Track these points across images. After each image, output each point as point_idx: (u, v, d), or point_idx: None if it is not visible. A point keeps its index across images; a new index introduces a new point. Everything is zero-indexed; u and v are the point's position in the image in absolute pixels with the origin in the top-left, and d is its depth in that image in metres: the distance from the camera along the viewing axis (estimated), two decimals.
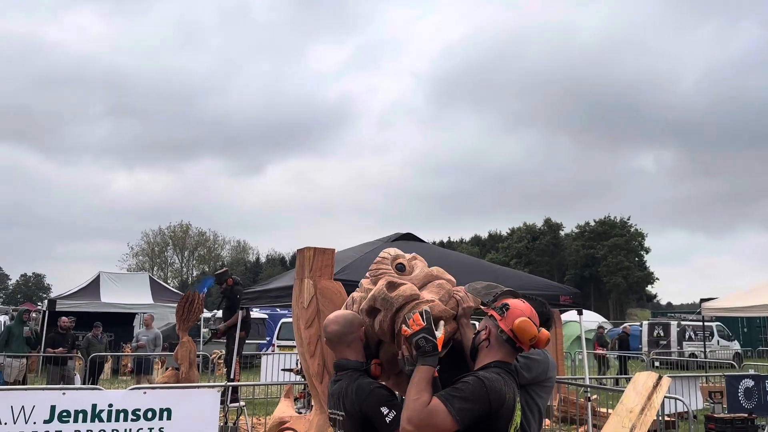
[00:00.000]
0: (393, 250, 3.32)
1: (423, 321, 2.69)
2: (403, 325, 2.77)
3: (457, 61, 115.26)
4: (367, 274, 3.24)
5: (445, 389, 2.63)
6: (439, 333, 2.75)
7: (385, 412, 2.69)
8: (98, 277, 19.41)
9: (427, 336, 2.66)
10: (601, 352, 18.91)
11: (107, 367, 13.45)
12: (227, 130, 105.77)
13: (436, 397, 2.57)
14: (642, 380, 6.81)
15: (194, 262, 76.81)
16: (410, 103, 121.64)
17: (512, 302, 2.81)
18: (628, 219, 72.88)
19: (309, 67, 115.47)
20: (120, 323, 19.24)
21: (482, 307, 2.95)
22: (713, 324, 25.14)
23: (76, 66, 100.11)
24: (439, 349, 2.69)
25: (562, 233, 76.88)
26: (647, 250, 72.56)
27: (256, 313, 21.93)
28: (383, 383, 2.89)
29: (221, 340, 18.17)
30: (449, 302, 3.11)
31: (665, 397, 6.96)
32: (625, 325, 25.77)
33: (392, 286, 2.99)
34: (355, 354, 2.94)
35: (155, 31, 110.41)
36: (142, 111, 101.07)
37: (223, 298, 10.79)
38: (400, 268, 3.21)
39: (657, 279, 72.92)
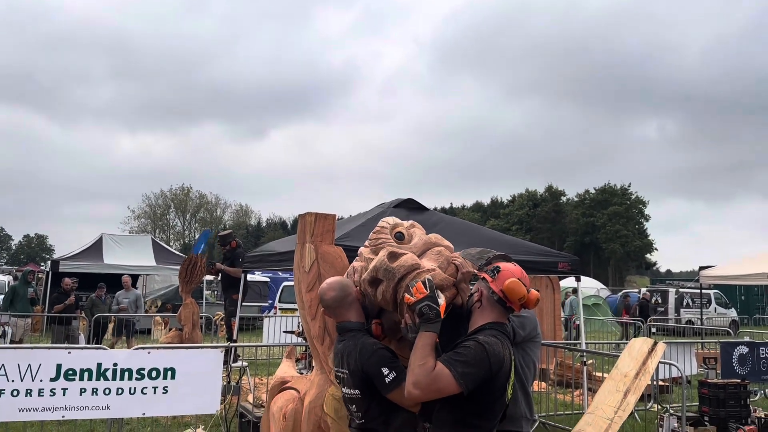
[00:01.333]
0: (391, 219, 3.36)
1: (426, 289, 2.77)
2: (406, 294, 2.84)
3: (461, 28, 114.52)
4: (366, 243, 3.28)
5: (447, 353, 2.72)
6: (441, 300, 2.82)
7: (385, 373, 2.78)
8: (101, 238, 19.48)
9: (430, 303, 2.74)
10: (626, 319, 19.17)
11: (110, 327, 13.55)
12: (231, 95, 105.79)
13: (440, 362, 2.66)
14: (637, 346, 6.92)
15: (196, 225, 76.99)
16: (414, 69, 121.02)
17: (503, 265, 2.92)
18: (629, 186, 72.77)
19: (314, 32, 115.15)
20: (121, 285, 19.40)
21: (475, 270, 3.02)
22: (711, 292, 25.33)
23: (80, 29, 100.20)
24: (442, 315, 2.77)
25: (564, 199, 76.83)
26: (647, 218, 72.65)
27: (258, 276, 22.14)
28: (386, 345, 2.96)
29: (219, 302, 18.34)
30: (448, 268, 3.15)
31: (660, 362, 7.08)
32: (644, 291, 25.66)
33: (393, 256, 3.03)
34: (357, 315, 3.02)
35: None
36: (146, 75, 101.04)
37: (225, 259, 10.89)
38: (399, 237, 3.25)
39: (656, 249, 73.22)
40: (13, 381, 5.60)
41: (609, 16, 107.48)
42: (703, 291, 19.91)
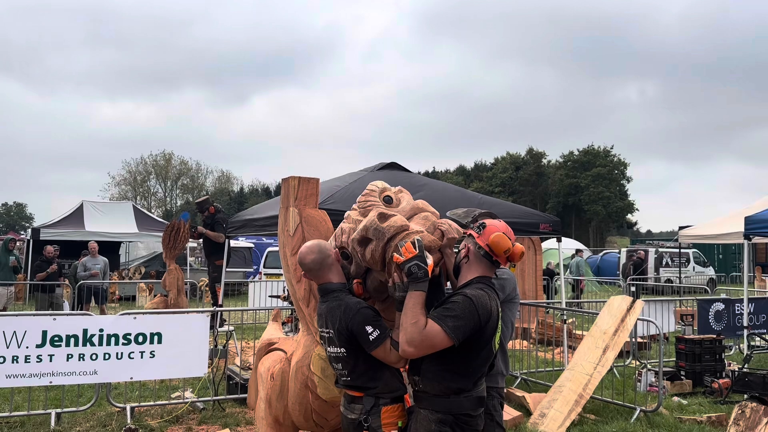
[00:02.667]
0: (380, 183, 3.39)
1: (415, 249, 2.83)
2: (395, 254, 2.89)
3: None
4: (354, 206, 3.31)
5: (436, 310, 2.81)
6: (429, 261, 2.89)
7: (369, 331, 2.84)
8: (81, 206, 19.29)
9: (419, 263, 2.81)
10: (606, 278, 19.49)
11: (66, 293, 13.37)
12: (211, 60, 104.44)
13: (430, 319, 2.75)
14: (616, 304, 7.08)
15: (177, 191, 76.36)
16: (396, 34, 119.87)
17: (489, 221, 3.00)
18: (611, 148, 73.20)
19: None
20: (105, 252, 19.34)
21: (462, 228, 3.09)
22: (690, 251, 25.77)
23: None
24: (429, 275, 2.84)
25: (545, 162, 77.15)
26: (629, 180, 73.29)
27: (242, 242, 22.14)
28: (369, 304, 3.02)
29: (203, 268, 18.30)
30: (434, 233, 3.21)
31: (639, 319, 7.26)
32: (640, 250, 25.84)
33: (383, 216, 3.07)
34: (338, 276, 3.06)
35: None
36: (124, 41, 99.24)
37: (206, 225, 10.86)
38: (388, 201, 3.29)
39: (637, 209, 74.04)
40: None
41: None
42: (682, 250, 20.25)
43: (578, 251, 23.29)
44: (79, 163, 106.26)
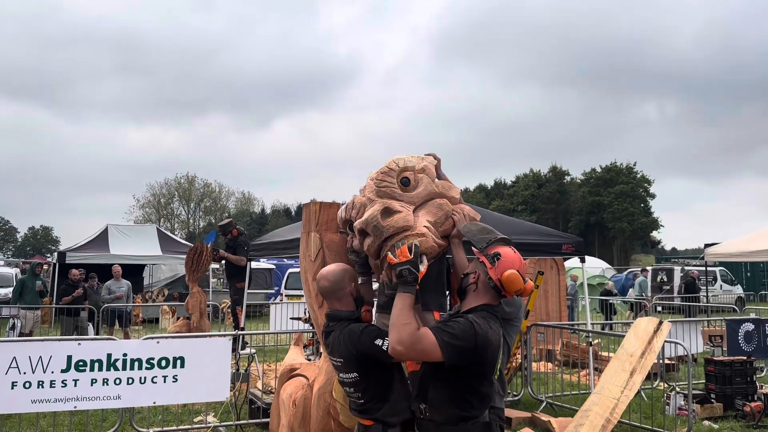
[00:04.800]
0: (402, 161, 3.32)
1: (410, 254, 2.87)
2: (390, 254, 2.92)
3: (459, 18, 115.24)
4: (370, 180, 3.28)
5: (437, 324, 2.85)
6: (423, 267, 2.91)
7: (380, 344, 2.86)
8: (106, 229, 19.53)
9: (411, 268, 2.84)
10: (630, 298, 19.10)
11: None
12: (235, 87, 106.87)
13: (428, 328, 2.79)
14: (643, 325, 6.94)
15: (200, 213, 77.08)
16: (415, 59, 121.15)
17: (504, 252, 2.93)
18: (634, 165, 72.49)
19: (319, 25, 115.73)
20: (129, 274, 19.52)
21: (474, 249, 3.05)
22: (717, 269, 25.30)
23: (87, 26, 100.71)
24: (419, 280, 2.88)
25: (568, 179, 76.61)
26: (653, 196, 72.45)
27: (263, 263, 22.21)
28: (371, 324, 3.06)
29: (225, 290, 18.41)
30: (446, 223, 3.24)
31: (666, 341, 7.11)
32: (692, 269, 25.23)
33: (387, 212, 3.08)
34: (345, 306, 3.07)
35: None
36: (152, 69, 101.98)
37: (228, 248, 10.92)
38: (405, 183, 3.26)
39: (662, 225, 73.08)
40: (25, 373, 5.67)
41: (603, 2, 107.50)
42: (709, 268, 19.89)
43: (643, 270, 22.74)
44: (105, 187, 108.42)
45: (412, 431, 2.95)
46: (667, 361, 9.56)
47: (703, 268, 20.12)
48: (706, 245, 16.04)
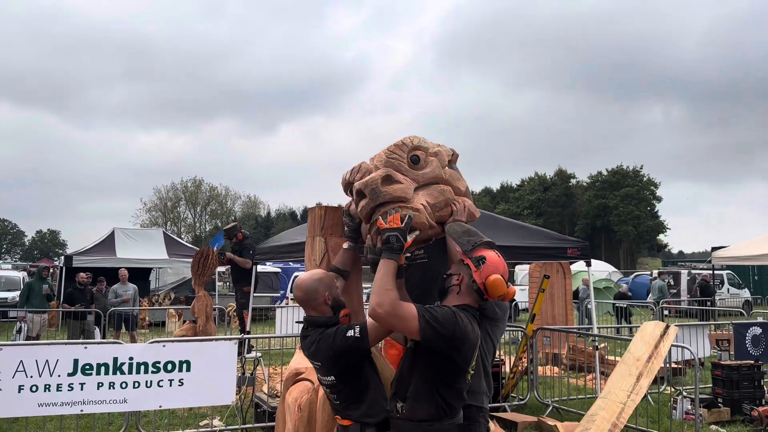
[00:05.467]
0: (417, 140, 3.35)
1: (401, 223, 2.89)
2: (381, 218, 2.96)
3: (464, 22, 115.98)
4: (383, 152, 3.30)
5: (421, 306, 2.87)
6: (409, 239, 2.95)
7: (351, 333, 2.90)
8: (113, 233, 19.60)
9: (399, 236, 2.87)
10: (638, 302, 18.97)
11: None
12: (243, 92, 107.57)
13: (412, 303, 2.84)
14: (649, 330, 6.91)
15: (207, 217, 77.24)
16: (420, 64, 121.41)
17: (489, 256, 2.95)
18: (641, 168, 72.27)
19: (325, 31, 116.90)
20: (136, 278, 19.59)
21: (458, 251, 3.06)
22: (724, 272, 25.16)
23: (98, 32, 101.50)
24: (404, 249, 2.91)
25: (574, 182, 76.42)
26: (659, 199, 72.19)
27: (269, 267, 22.24)
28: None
29: (231, 293, 18.47)
30: (444, 209, 3.26)
31: (672, 345, 7.08)
32: (704, 273, 24.99)
33: (388, 180, 3.11)
34: (321, 313, 3.10)
35: (178, 1, 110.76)
36: (161, 75, 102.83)
37: (234, 252, 10.96)
38: (414, 161, 3.29)
39: (668, 228, 72.84)
40: (31, 377, 5.69)
41: (607, 6, 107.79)
42: (716, 272, 19.79)
43: (661, 274, 22.57)
44: (112, 191, 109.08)
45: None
46: (674, 365, 9.52)
47: (710, 272, 20.03)
48: (713, 248, 15.97)
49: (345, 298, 3.25)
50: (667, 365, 8.76)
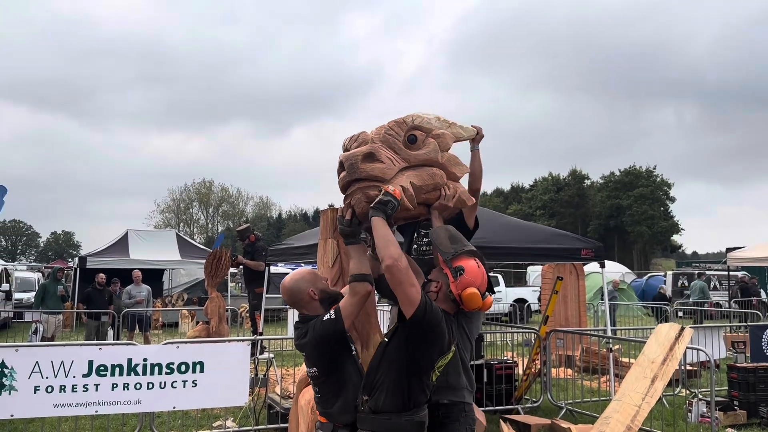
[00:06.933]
0: (420, 119, 3.33)
1: (403, 197, 3.05)
2: (394, 187, 3.06)
3: (476, 26, 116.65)
4: (383, 128, 3.30)
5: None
6: (394, 198, 3.03)
7: (327, 317, 2.99)
8: (126, 234, 19.74)
9: (396, 206, 2.99)
10: (652, 303, 18.73)
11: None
12: (257, 96, 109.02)
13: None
14: (664, 331, 6.86)
15: (219, 218, 77.56)
16: (433, 67, 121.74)
17: (468, 267, 2.99)
18: (654, 168, 71.74)
19: (341, 36, 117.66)
20: (149, 279, 19.70)
21: (439, 258, 3.10)
22: (739, 273, 24.90)
23: (115, 39, 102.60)
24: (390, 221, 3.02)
25: (587, 183, 75.95)
26: (673, 200, 71.62)
27: (281, 268, 22.31)
28: None
29: (243, 294, 18.55)
30: (432, 192, 3.27)
31: (687, 347, 7.02)
32: (745, 273, 23.68)
33: (370, 157, 3.11)
34: (312, 311, 3.15)
35: (195, 8, 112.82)
36: (177, 80, 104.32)
37: (246, 253, 11.00)
38: (411, 140, 3.28)
39: (683, 229, 72.21)
40: (47, 378, 5.74)
41: (620, 10, 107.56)
42: (731, 273, 19.60)
43: (700, 274, 22.31)
44: (127, 193, 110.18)
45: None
46: (689, 368, 9.44)
47: (726, 273, 19.82)
48: (728, 249, 15.84)
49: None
50: (682, 367, 8.68)
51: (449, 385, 3.13)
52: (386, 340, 3.01)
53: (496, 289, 16.13)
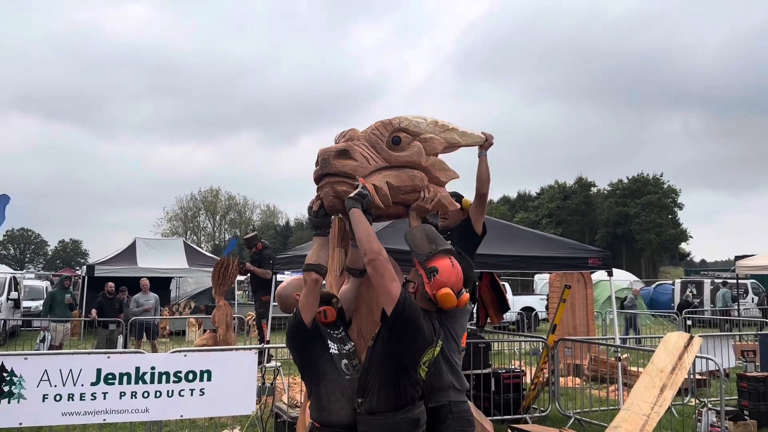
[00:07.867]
0: (407, 122, 3.38)
1: (374, 194, 3.18)
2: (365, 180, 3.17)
3: (482, 36, 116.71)
4: (370, 127, 3.36)
5: None
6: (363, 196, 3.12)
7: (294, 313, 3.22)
8: (134, 243, 19.82)
9: (367, 196, 3.09)
10: (660, 312, 18.60)
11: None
12: (265, 107, 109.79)
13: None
14: (673, 340, 6.82)
15: (226, 226, 77.78)
16: (438, 77, 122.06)
17: (442, 266, 3.04)
18: (661, 176, 71.46)
19: (349, 47, 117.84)
20: (157, 287, 19.73)
21: (416, 259, 3.14)
22: (748, 281, 24.76)
23: (126, 50, 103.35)
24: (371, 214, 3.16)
25: (594, 190, 75.73)
26: (680, 207, 71.28)
27: (288, 277, 22.33)
28: None
29: (250, 302, 18.56)
30: (410, 194, 3.33)
31: (697, 356, 6.97)
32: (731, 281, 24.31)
33: (343, 154, 3.19)
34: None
35: (206, 21, 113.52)
36: (187, 91, 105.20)
37: (253, 261, 11.02)
38: (395, 142, 3.34)
39: (691, 237, 71.85)
40: (55, 386, 5.75)
41: (626, 19, 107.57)
42: (740, 281, 19.49)
43: (724, 283, 22.14)
44: (135, 201, 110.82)
45: None
46: (698, 377, 9.37)
47: (734, 280, 19.70)
48: (737, 257, 15.75)
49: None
50: (691, 376, 8.62)
51: (433, 387, 3.19)
52: (372, 343, 3.09)
53: None
